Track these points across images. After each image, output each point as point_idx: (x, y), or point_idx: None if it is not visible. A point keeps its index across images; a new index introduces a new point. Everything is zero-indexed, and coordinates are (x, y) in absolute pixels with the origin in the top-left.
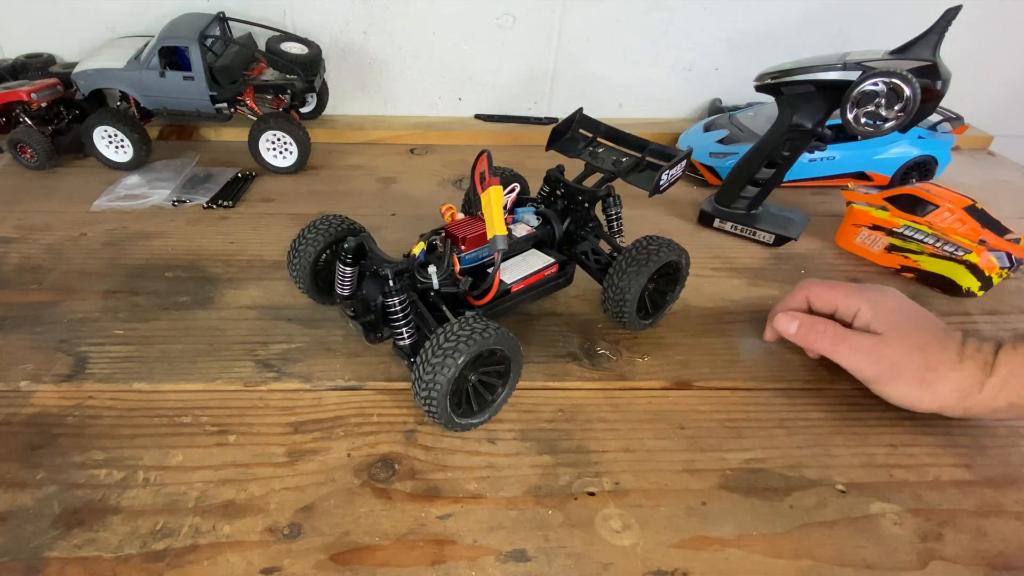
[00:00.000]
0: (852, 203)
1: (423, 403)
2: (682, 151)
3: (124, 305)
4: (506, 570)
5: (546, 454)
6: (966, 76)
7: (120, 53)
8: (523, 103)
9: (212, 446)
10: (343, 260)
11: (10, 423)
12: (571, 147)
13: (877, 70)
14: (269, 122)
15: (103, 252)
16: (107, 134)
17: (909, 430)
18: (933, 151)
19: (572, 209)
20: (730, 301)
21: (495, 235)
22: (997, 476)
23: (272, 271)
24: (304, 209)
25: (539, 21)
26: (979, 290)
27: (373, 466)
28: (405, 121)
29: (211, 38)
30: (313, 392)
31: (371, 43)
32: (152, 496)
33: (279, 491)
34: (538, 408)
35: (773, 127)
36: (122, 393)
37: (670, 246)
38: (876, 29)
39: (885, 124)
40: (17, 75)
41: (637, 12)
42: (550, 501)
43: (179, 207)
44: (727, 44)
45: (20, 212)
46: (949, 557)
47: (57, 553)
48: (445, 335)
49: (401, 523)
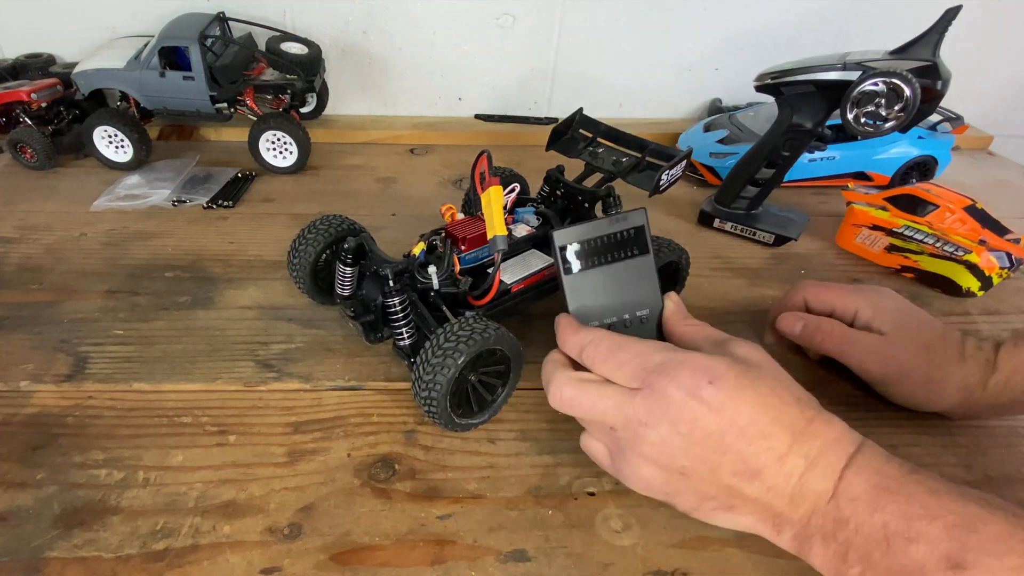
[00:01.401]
0: (852, 203)
1: (423, 403)
2: (682, 151)
3: (124, 305)
4: (506, 570)
5: (546, 454)
6: (966, 76)
7: (120, 53)
8: (523, 103)
9: (212, 446)
10: (343, 260)
11: (10, 423)
12: (571, 147)
13: (877, 70)
14: (269, 122)
15: (103, 252)
16: (107, 134)
17: (909, 430)
18: (933, 151)
19: (572, 209)
20: (730, 301)
21: (495, 235)
22: (997, 476)
23: (272, 271)
24: (304, 209)
25: (539, 21)
26: (979, 290)
27: (373, 466)
28: (405, 121)
29: (211, 38)
30: (313, 392)
31: (371, 43)
32: (152, 496)
33: (279, 491)
34: (538, 408)
35: (773, 127)
36: (122, 393)
37: (670, 246)
38: (876, 29)
39: (885, 124)
40: (17, 75)
41: (637, 12)
42: (550, 501)
43: (179, 207)
44: (727, 44)
45: (20, 212)
46: None
47: (57, 553)
48: (445, 335)
49: (401, 523)
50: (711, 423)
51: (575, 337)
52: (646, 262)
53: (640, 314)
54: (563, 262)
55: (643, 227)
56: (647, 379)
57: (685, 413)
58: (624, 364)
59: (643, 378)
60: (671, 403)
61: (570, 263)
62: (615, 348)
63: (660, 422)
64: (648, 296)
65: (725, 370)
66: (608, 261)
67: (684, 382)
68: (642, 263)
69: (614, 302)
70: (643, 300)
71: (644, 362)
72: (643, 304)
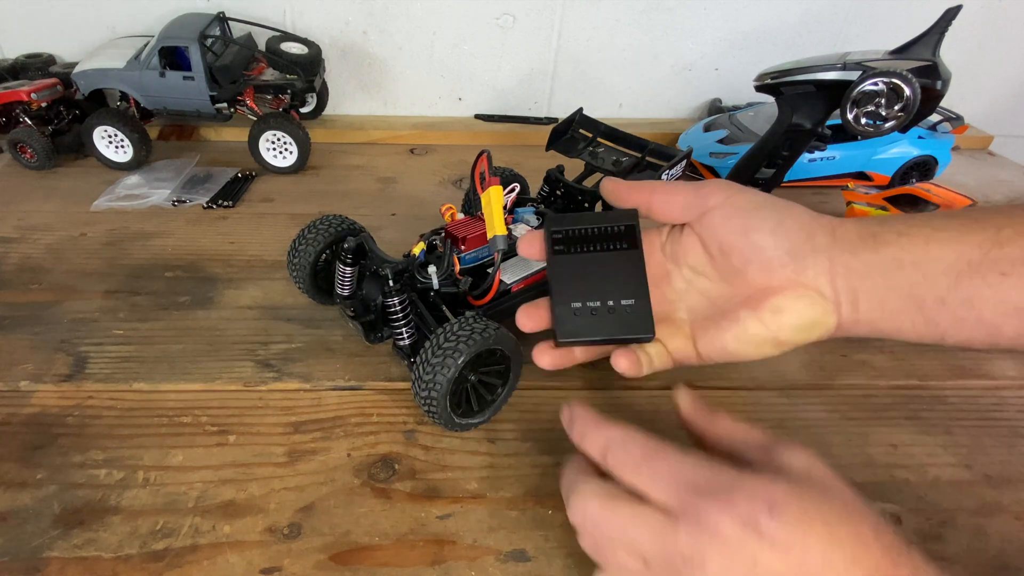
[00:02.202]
0: (852, 203)
1: (423, 403)
2: (682, 151)
3: (124, 305)
4: (506, 570)
5: (546, 454)
6: (966, 76)
7: (120, 53)
8: (523, 103)
9: (212, 446)
10: (343, 260)
11: (10, 423)
12: (571, 147)
13: (877, 70)
14: (269, 122)
15: (103, 252)
16: (107, 134)
17: (909, 430)
18: (933, 151)
19: (572, 209)
20: None
21: (495, 235)
22: (997, 476)
23: (272, 271)
24: (304, 209)
25: (539, 21)
26: None
27: (373, 466)
28: (405, 121)
29: (211, 38)
30: (313, 392)
31: (371, 43)
32: (152, 496)
33: (279, 491)
34: (538, 408)
35: (773, 127)
36: (122, 393)
37: None
38: (876, 29)
39: (885, 124)
40: (17, 75)
41: (637, 12)
42: (550, 501)
43: (179, 207)
44: (727, 44)
45: (20, 212)
46: (949, 557)
47: (57, 553)
48: (445, 335)
49: (401, 523)
50: (775, 565)
51: (598, 432)
52: (634, 256)
53: (625, 303)
54: (552, 244)
55: (634, 226)
56: (692, 502)
57: (742, 552)
58: (660, 476)
59: (686, 500)
60: (725, 539)
61: (560, 246)
62: (650, 455)
63: (710, 561)
64: (635, 289)
65: (786, 495)
66: (596, 250)
67: (740, 511)
68: (631, 256)
69: (599, 287)
70: (629, 291)
71: (687, 478)
72: (629, 295)
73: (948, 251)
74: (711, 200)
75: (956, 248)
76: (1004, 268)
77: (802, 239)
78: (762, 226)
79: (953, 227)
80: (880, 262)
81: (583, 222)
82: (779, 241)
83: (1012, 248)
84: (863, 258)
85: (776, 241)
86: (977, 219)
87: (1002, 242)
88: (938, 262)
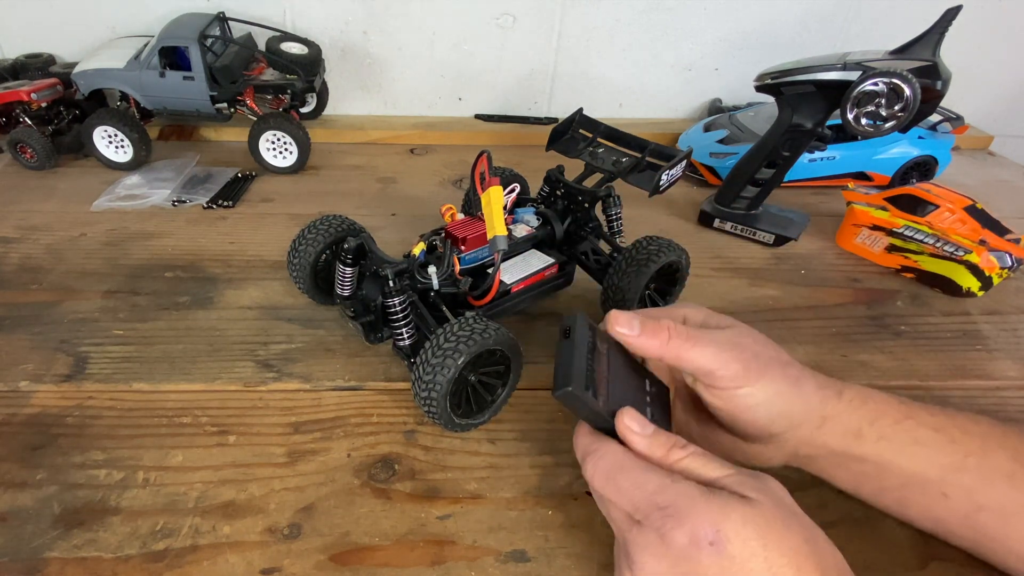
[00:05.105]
0: (852, 203)
1: (423, 403)
2: (682, 151)
3: (124, 305)
4: (506, 570)
5: (546, 454)
6: (966, 76)
7: (120, 53)
8: (523, 103)
9: (212, 446)
10: (343, 260)
11: (10, 423)
12: (571, 147)
13: (877, 70)
14: (269, 122)
15: (103, 252)
16: (107, 134)
17: None
18: (933, 151)
19: (572, 209)
20: (730, 301)
21: (495, 235)
22: None
23: (272, 271)
24: (304, 209)
25: (539, 21)
26: (979, 290)
27: (373, 466)
28: (405, 121)
29: (211, 38)
30: (313, 392)
31: (371, 43)
32: (152, 496)
33: (279, 491)
34: (538, 408)
35: (773, 127)
36: (122, 393)
37: (670, 246)
38: (876, 29)
39: (885, 124)
40: (17, 75)
41: (637, 12)
42: (550, 501)
43: (179, 207)
44: (727, 44)
45: (20, 212)
46: (949, 557)
47: (57, 553)
48: (445, 335)
49: (401, 523)
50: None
51: (583, 440)
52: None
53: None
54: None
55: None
56: (653, 515)
57: (682, 558)
58: (624, 492)
59: (649, 513)
60: (669, 543)
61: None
62: (616, 469)
63: (648, 555)
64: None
65: (736, 524)
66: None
67: (688, 529)
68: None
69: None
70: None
71: (649, 496)
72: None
73: (911, 464)
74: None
75: (922, 465)
76: (947, 491)
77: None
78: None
79: (933, 443)
80: (847, 459)
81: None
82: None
83: (965, 476)
84: (837, 452)
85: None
86: (956, 440)
87: (962, 468)
88: (897, 472)
